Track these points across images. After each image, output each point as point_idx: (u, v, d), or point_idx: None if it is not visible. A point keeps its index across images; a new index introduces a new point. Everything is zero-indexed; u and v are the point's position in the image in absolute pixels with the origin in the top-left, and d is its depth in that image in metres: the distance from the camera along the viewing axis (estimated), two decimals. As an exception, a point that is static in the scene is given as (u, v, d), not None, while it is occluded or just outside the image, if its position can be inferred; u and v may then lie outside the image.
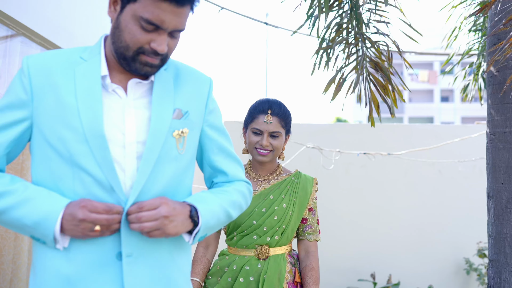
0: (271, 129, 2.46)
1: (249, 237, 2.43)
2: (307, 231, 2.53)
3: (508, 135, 2.69)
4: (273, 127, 2.46)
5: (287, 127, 2.54)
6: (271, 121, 2.46)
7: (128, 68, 1.53)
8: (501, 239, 2.69)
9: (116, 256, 1.48)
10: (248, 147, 2.53)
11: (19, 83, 1.53)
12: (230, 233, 2.48)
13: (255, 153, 2.50)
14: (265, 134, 2.46)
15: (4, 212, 1.45)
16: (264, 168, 2.57)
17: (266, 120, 2.47)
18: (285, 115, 2.51)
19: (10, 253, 3.67)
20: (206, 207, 1.56)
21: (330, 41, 3.56)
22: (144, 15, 1.43)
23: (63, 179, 1.49)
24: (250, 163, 2.62)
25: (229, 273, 2.41)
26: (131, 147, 1.52)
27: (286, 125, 2.53)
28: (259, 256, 2.42)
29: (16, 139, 1.53)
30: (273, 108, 2.49)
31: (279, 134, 2.48)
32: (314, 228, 2.55)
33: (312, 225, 2.55)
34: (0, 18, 3.36)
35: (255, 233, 2.43)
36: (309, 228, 2.54)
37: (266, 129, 2.45)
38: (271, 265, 2.40)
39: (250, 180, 2.54)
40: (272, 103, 2.51)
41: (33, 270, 1.54)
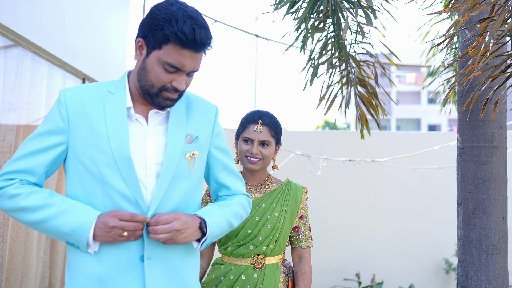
0: (261, 138, 2.53)
1: (245, 247, 2.48)
2: (300, 238, 2.58)
3: (475, 149, 3.02)
4: (263, 136, 2.54)
5: (277, 137, 2.61)
6: (261, 130, 2.54)
7: (151, 101, 1.83)
8: (469, 242, 3.01)
9: (140, 258, 1.79)
10: (239, 155, 2.60)
11: (57, 112, 1.83)
12: (224, 243, 2.52)
13: (245, 161, 2.57)
14: (255, 143, 2.53)
15: (45, 221, 1.75)
16: (255, 178, 2.63)
17: (256, 129, 2.55)
18: (275, 125, 2.59)
19: (21, 255, 3.94)
20: (213, 220, 1.87)
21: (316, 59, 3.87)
22: (168, 60, 1.74)
23: (94, 194, 1.80)
24: (241, 173, 2.67)
25: (226, 282, 2.46)
26: (152, 168, 1.83)
27: (276, 135, 2.60)
28: (255, 266, 2.47)
29: (54, 160, 1.83)
30: (263, 118, 2.58)
31: (269, 143, 2.55)
32: (307, 235, 2.60)
33: (305, 233, 2.60)
34: (14, 38, 3.64)
35: (251, 243, 2.48)
36: (301, 236, 2.59)
37: (256, 138, 2.53)
38: (267, 274, 2.45)
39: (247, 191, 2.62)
40: (262, 113, 2.60)
41: (68, 271, 1.84)
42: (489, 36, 2.21)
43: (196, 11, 1.80)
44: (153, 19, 1.75)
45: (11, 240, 3.86)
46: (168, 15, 1.73)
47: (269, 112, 2.65)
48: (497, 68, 2.42)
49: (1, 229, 3.67)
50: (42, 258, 4.24)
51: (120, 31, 5.55)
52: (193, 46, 1.74)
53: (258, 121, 2.57)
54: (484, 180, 2.99)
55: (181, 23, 1.71)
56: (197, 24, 1.74)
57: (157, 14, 1.75)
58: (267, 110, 2.67)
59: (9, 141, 3.75)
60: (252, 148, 2.54)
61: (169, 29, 1.72)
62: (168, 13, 1.74)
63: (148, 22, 1.77)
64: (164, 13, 1.74)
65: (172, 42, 1.73)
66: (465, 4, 2.27)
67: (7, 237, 3.75)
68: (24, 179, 1.79)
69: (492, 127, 3.01)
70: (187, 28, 1.71)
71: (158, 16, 1.74)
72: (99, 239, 1.74)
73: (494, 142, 3.01)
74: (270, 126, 2.57)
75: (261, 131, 2.54)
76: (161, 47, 1.75)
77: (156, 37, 1.74)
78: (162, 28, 1.72)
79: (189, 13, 1.76)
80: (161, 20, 1.73)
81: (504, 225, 3.04)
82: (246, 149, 2.55)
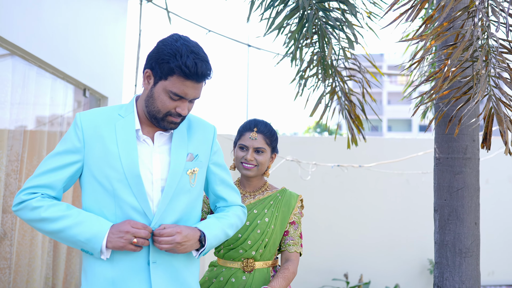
0: (256, 145, 2.61)
1: (235, 250, 2.57)
2: (288, 242, 2.61)
3: (450, 160, 3.29)
4: (258, 143, 2.62)
5: (272, 145, 2.67)
6: (256, 137, 2.62)
7: (157, 125, 2.08)
8: (444, 245, 3.27)
9: (147, 263, 2.04)
10: (235, 162, 2.68)
11: (74, 134, 2.07)
12: (218, 246, 2.59)
13: (241, 167, 2.65)
14: (250, 150, 2.61)
15: (63, 231, 1.99)
16: (251, 184, 2.71)
17: (252, 137, 2.63)
18: (270, 133, 2.66)
19: (26, 257, 4.18)
20: (211, 232, 2.12)
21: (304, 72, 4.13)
22: (173, 89, 1.99)
23: (107, 206, 2.04)
24: (238, 180, 2.76)
25: (216, 284, 2.56)
26: (157, 183, 2.07)
27: (271, 143, 2.67)
28: (245, 269, 2.55)
29: (71, 176, 2.07)
30: (259, 126, 2.66)
31: (263, 150, 2.62)
32: (296, 241, 2.62)
33: (294, 238, 2.63)
34: (21, 54, 3.88)
35: (241, 247, 2.56)
36: (290, 240, 2.62)
37: (251, 145, 2.61)
38: (256, 278, 2.53)
39: (242, 197, 2.70)
40: (258, 122, 2.69)
41: (84, 274, 2.08)
42: (451, 61, 2.48)
43: (197, 46, 2.05)
44: (160, 53, 2.00)
45: (18, 243, 4.09)
46: (173, 50, 1.98)
47: (265, 121, 2.72)
48: (459, 90, 2.69)
49: (9, 233, 3.90)
50: (46, 260, 4.47)
51: (117, 42, 5.78)
52: (195, 77, 1.99)
53: (253, 129, 2.65)
54: (458, 189, 3.25)
55: (184, 57, 1.96)
56: (198, 58, 1.99)
57: (163, 49, 2.00)
58: (263, 119, 2.76)
59: (16, 150, 3.98)
60: (247, 154, 2.62)
61: (174, 63, 1.96)
62: (173, 48, 1.98)
63: (156, 55, 2.01)
64: (169, 49, 1.98)
65: (176, 74, 1.97)
66: (430, 33, 2.54)
67: (14, 240, 3.98)
68: (45, 193, 2.03)
69: (465, 140, 3.28)
70: (190, 62, 1.96)
71: (165, 51, 1.99)
72: (110, 245, 1.98)
73: (467, 154, 3.27)
74: (265, 134, 2.65)
75: (255, 138, 2.62)
76: (167, 78, 1.99)
77: (163, 69, 1.98)
78: (168, 62, 1.97)
79: (192, 48, 2.00)
80: (167, 55, 1.98)
81: (476, 230, 3.31)
82: (241, 155, 2.64)
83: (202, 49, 2.07)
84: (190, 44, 2.01)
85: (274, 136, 2.69)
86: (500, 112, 2.46)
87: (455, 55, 2.36)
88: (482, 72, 2.36)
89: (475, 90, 2.47)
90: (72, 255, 4.96)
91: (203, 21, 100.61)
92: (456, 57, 2.36)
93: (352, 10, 3.07)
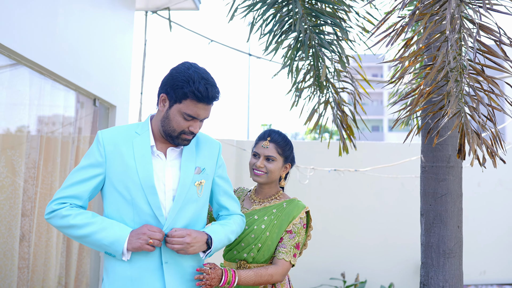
0: (267, 153, 2.72)
1: (231, 252, 2.73)
2: (279, 249, 2.66)
3: (435, 168, 3.57)
4: (269, 151, 2.73)
5: (284, 154, 2.77)
6: (267, 146, 2.73)
7: (172, 142, 2.37)
8: (429, 247, 3.56)
9: (161, 263, 2.33)
10: (249, 169, 2.80)
11: (97, 150, 2.36)
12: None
13: (252, 174, 2.77)
14: (261, 157, 2.73)
15: (89, 236, 2.28)
16: (262, 192, 2.82)
17: (264, 145, 2.75)
18: (283, 143, 2.76)
19: (42, 257, 4.47)
20: (217, 236, 2.41)
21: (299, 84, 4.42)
22: (187, 111, 2.28)
23: (126, 213, 2.33)
24: (255, 188, 2.90)
25: None
26: (169, 193, 2.37)
27: (283, 152, 2.77)
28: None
29: (95, 187, 2.36)
30: (272, 136, 2.77)
31: (274, 159, 2.72)
32: (287, 249, 2.65)
33: (286, 246, 2.66)
34: (38, 69, 4.18)
35: (235, 249, 2.71)
36: (281, 247, 2.66)
37: (262, 153, 2.74)
38: None
39: (250, 202, 2.84)
40: (272, 131, 2.80)
41: (106, 273, 2.37)
42: (425, 81, 2.78)
43: (206, 72, 2.34)
44: (174, 80, 2.28)
45: (35, 245, 4.38)
46: (186, 77, 2.26)
47: (281, 132, 2.83)
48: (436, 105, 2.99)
49: (27, 235, 4.20)
50: (59, 260, 4.77)
51: (125, 53, 6.07)
52: (206, 100, 2.28)
53: (267, 138, 2.77)
54: (442, 195, 3.54)
55: (197, 83, 2.25)
56: (209, 84, 2.28)
57: (177, 76, 2.28)
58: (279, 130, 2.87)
59: (33, 158, 4.28)
60: (257, 162, 2.75)
61: (187, 88, 2.25)
62: (186, 75, 2.27)
63: (170, 82, 2.30)
64: (183, 76, 2.27)
65: (190, 98, 2.26)
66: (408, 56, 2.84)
67: (31, 242, 4.28)
68: (73, 203, 2.32)
69: (449, 150, 3.56)
70: (202, 88, 2.25)
71: (178, 77, 2.28)
72: (130, 246, 2.26)
73: (450, 163, 3.56)
74: (277, 143, 2.75)
75: (267, 147, 2.74)
76: (181, 102, 2.28)
77: (177, 94, 2.27)
78: (182, 87, 2.26)
79: (202, 74, 2.29)
80: (181, 81, 2.26)
81: (459, 232, 3.59)
82: (253, 162, 2.77)
83: (210, 74, 2.36)
84: (200, 71, 2.30)
85: (286, 146, 2.79)
86: (468, 127, 2.75)
87: (430, 76, 2.66)
88: (453, 91, 2.66)
89: (447, 107, 2.77)
90: (83, 255, 5.26)
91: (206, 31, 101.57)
92: (431, 78, 2.66)
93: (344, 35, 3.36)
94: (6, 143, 3.94)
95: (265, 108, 78.47)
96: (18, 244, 4.03)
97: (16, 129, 4.16)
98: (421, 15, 2.96)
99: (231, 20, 3.42)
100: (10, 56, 3.84)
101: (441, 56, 2.66)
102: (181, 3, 6.60)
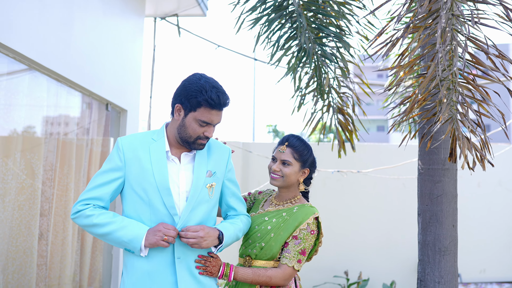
0: (283, 157, 2.79)
1: (242, 247, 2.88)
2: (284, 254, 2.72)
3: (431, 171, 3.77)
4: (285, 156, 2.79)
5: (301, 159, 2.82)
6: (284, 150, 2.80)
7: (188, 147, 2.58)
8: (426, 245, 3.76)
9: (173, 259, 2.55)
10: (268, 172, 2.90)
11: (117, 155, 2.58)
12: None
13: (270, 177, 2.86)
14: (278, 161, 2.81)
15: (110, 233, 2.50)
16: (280, 195, 2.90)
17: (281, 150, 2.81)
18: (300, 148, 2.82)
19: (58, 255, 4.70)
20: (227, 233, 2.63)
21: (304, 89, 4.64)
22: (202, 118, 2.49)
23: (144, 213, 2.55)
24: (276, 192, 2.98)
25: None
26: (183, 194, 2.58)
27: (300, 157, 2.81)
28: (244, 264, 2.82)
29: (115, 189, 2.58)
30: (290, 141, 2.83)
31: (289, 163, 2.79)
32: (291, 255, 2.71)
33: (290, 252, 2.72)
34: (55, 76, 4.41)
35: (244, 244, 2.86)
36: (286, 253, 2.72)
37: (279, 157, 2.81)
38: None
39: (269, 204, 2.92)
40: (291, 136, 2.87)
41: (125, 268, 2.59)
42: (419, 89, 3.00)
43: (215, 81, 2.56)
44: (188, 91, 2.49)
45: (52, 243, 4.62)
46: (198, 87, 2.48)
47: (300, 137, 2.87)
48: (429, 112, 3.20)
49: (45, 234, 4.44)
50: (74, 258, 5.00)
51: (135, 59, 6.30)
52: (219, 107, 2.51)
53: (284, 143, 2.83)
54: (437, 196, 3.73)
55: (209, 92, 2.47)
56: (220, 92, 2.51)
57: (190, 87, 2.50)
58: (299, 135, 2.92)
59: (50, 161, 4.51)
60: (273, 165, 2.84)
61: (201, 97, 2.47)
62: (199, 85, 2.49)
63: (184, 92, 2.51)
64: (195, 86, 2.49)
65: (204, 106, 2.48)
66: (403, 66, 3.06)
67: (49, 241, 4.52)
68: (96, 204, 2.54)
69: (444, 153, 3.76)
70: (214, 96, 2.48)
71: (191, 88, 2.49)
72: (147, 243, 2.47)
73: (446, 165, 3.75)
74: (294, 148, 2.81)
75: (284, 151, 2.80)
76: (196, 110, 2.49)
77: (192, 103, 2.49)
78: (196, 97, 2.48)
79: (213, 83, 2.52)
80: (194, 91, 2.48)
81: (454, 231, 3.78)
82: (270, 166, 2.85)
83: (219, 83, 2.58)
84: (210, 81, 2.52)
85: (304, 151, 2.83)
86: (459, 133, 2.96)
87: (423, 84, 2.87)
88: (444, 99, 2.87)
89: (439, 113, 2.98)
90: (96, 254, 5.49)
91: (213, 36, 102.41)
92: (424, 86, 2.88)
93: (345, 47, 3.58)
94: (25, 146, 4.18)
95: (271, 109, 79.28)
96: (37, 242, 4.26)
97: (35, 133, 4.41)
98: (415, 28, 3.17)
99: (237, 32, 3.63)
100: (30, 65, 4.07)
101: (432, 66, 2.87)
102: (189, 10, 6.82)
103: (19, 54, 3.81)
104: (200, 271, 2.60)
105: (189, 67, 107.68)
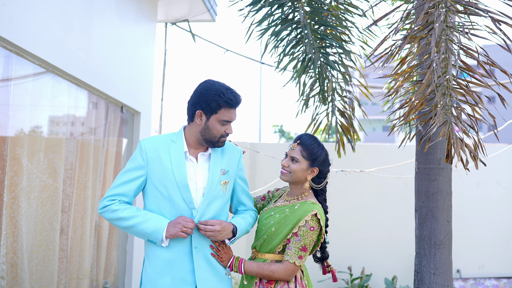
0: (292, 154, 2.91)
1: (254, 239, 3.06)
2: (286, 251, 2.84)
3: (427, 170, 4.03)
4: (294, 153, 2.91)
5: (309, 157, 2.90)
6: (294, 148, 2.92)
7: (212, 146, 2.86)
8: (422, 239, 4.02)
9: (191, 248, 2.82)
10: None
11: (139, 155, 2.86)
12: None
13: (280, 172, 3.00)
14: (288, 157, 2.94)
15: (134, 226, 2.78)
16: (290, 191, 3.03)
17: (292, 147, 2.93)
18: (309, 147, 2.91)
19: (77, 249, 4.99)
20: (240, 227, 2.91)
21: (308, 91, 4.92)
22: (223, 118, 2.78)
23: (164, 207, 2.83)
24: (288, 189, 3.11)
25: None
26: (200, 191, 2.86)
27: (309, 156, 2.90)
28: (252, 256, 3.02)
29: (138, 186, 2.86)
30: (302, 139, 2.94)
31: (297, 160, 2.89)
32: (293, 252, 2.81)
33: (291, 248, 2.82)
34: (75, 81, 4.70)
35: (255, 237, 3.03)
36: (288, 249, 2.84)
37: (289, 153, 2.93)
38: None
39: (281, 200, 3.04)
40: (303, 135, 2.98)
41: (147, 257, 2.87)
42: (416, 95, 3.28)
43: (225, 84, 2.84)
44: (207, 96, 2.76)
45: (71, 238, 4.90)
46: (216, 92, 2.76)
47: (312, 137, 2.97)
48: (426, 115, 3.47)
49: (66, 229, 4.73)
50: (91, 252, 5.29)
51: (147, 63, 6.58)
52: (236, 105, 2.80)
53: (296, 141, 2.95)
54: (433, 193, 3.99)
55: (227, 94, 2.76)
56: (234, 92, 2.80)
57: (208, 92, 2.76)
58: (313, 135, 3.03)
59: (70, 161, 4.80)
60: (283, 161, 2.97)
61: (221, 100, 2.75)
62: (215, 90, 2.76)
63: (203, 99, 2.77)
64: (213, 91, 2.76)
65: (224, 107, 2.76)
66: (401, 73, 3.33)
67: (69, 235, 4.80)
68: (121, 199, 2.82)
69: (440, 153, 4.02)
70: (231, 96, 2.77)
71: (210, 93, 2.76)
72: (168, 234, 2.74)
73: (441, 165, 4.01)
74: (304, 146, 2.91)
75: (294, 148, 2.92)
76: (217, 112, 2.77)
77: (213, 106, 2.76)
78: (216, 100, 2.75)
79: (226, 86, 2.81)
80: (213, 96, 2.75)
81: (448, 226, 4.04)
82: (282, 161, 2.98)
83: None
84: (222, 84, 2.81)
85: (313, 150, 2.91)
86: (454, 135, 3.23)
87: (419, 90, 3.15)
88: (439, 104, 3.14)
89: (435, 117, 3.25)
90: (111, 249, 5.77)
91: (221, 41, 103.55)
92: (420, 92, 3.15)
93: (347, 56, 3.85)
94: (48, 147, 4.47)
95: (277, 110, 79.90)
96: (58, 237, 4.55)
97: (57, 135, 4.70)
98: (412, 38, 3.44)
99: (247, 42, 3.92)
100: (53, 71, 4.36)
101: (428, 74, 3.15)
102: (199, 16, 7.10)
103: (43, 61, 4.09)
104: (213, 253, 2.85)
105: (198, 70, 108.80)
